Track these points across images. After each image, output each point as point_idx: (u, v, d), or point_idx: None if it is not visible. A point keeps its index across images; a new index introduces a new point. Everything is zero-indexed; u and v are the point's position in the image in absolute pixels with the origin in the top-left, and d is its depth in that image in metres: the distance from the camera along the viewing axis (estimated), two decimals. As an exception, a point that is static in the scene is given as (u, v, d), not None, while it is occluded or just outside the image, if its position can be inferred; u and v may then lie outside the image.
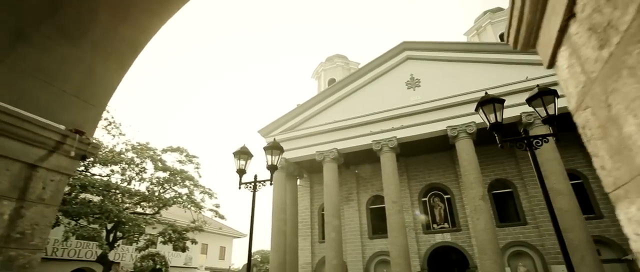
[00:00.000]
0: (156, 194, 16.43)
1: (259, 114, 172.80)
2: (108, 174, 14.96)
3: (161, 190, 16.65)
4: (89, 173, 14.57)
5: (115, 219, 14.52)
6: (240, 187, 7.64)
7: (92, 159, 13.81)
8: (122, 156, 15.23)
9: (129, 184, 15.54)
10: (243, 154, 7.66)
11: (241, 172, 7.59)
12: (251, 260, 7.37)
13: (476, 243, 13.39)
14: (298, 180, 19.63)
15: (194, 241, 17.76)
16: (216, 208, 18.18)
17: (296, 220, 17.95)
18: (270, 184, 7.70)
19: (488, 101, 5.73)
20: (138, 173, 15.72)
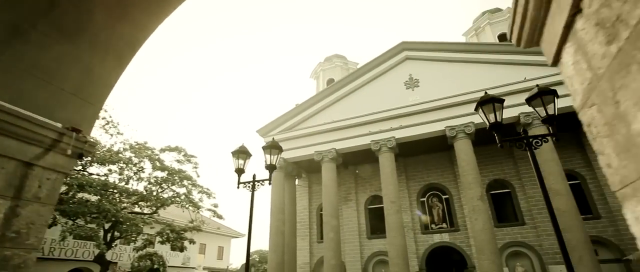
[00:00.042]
0: (154, 193, 16.38)
1: (257, 114, 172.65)
2: (106, 174, 14.91)
3: (159, 190, 16.60)
4: (86, 172, 14.51)
5: (113, 219, 14.47)
6: (238, 187, 7.61)
7: (89, 158, 13.77)
8: (120, 155, 15.18)
9: (126, 183, 15.50)
10: (242, 153, 7.63)
11: (240, 171, 7.56)
12: (249, 260, 7.34)
13: (474, 243, 13.40)
14: (296, 180, 19.59)
15: (192, 241, 17.72)
16: (214, 208, 18.13)
17: (294, 220, 17.92)
18: (268, 183, 7.67)
19: (488, 101, 5.72)
20: (136, 173, 15.67)
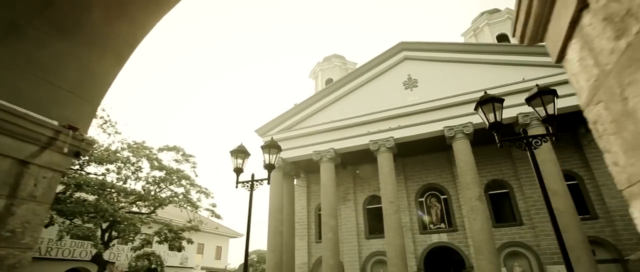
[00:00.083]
0: (152, 193, 16.30)
1: (256, 114, 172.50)
2: (103, 173, 14.81)
3: (157, 189, 16.51)
4: (84, 172, 14.42)
5: (111, 219, 14.39)
6: (237, 186, 7.58)
7: (87, 157, 13.68)
8: (118, 154, 15.10)
9: (124, 183, 15.40)
10: (240, 152, 7.60)
11: (238, 171, 7.53)
12: (248, 260, 7.31)
13: (472, 243, 13.41)
14: (295, 180, 19.57)
15: (190, 241, 17.63)
16: (212, 208, 18.06)
17: (293, 220, 17.90)
18: (267, 183, 7.64)
19: (487, 100, 5.71)
20: (134, 172, 15.58)
